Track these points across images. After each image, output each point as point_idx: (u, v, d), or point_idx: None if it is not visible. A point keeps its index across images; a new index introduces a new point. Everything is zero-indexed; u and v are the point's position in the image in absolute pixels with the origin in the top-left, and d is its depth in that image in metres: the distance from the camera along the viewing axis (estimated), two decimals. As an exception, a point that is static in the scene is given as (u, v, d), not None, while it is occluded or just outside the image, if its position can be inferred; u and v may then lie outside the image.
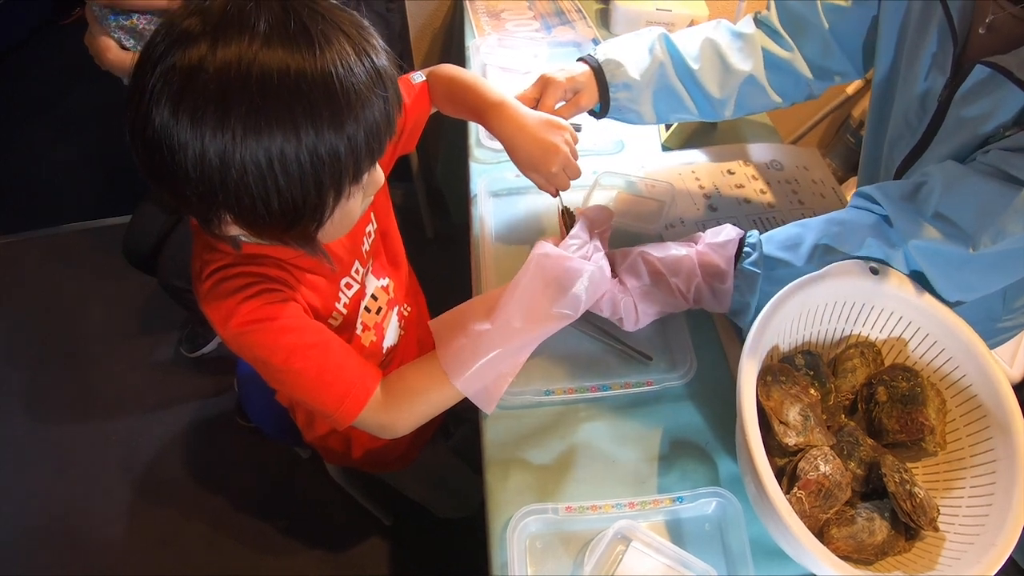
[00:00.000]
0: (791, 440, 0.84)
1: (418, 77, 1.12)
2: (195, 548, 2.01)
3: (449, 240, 2.62)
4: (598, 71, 1.14)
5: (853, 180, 1.90)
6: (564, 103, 1.14)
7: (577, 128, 1.08)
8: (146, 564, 2.00)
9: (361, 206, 0.82)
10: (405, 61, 2.05)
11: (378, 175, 0.82)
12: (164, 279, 1.83)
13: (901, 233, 0.90)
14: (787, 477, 0.84)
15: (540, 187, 1.08)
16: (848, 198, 1.30)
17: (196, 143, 0.65)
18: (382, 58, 0.73)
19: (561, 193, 1.07)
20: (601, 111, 1.17)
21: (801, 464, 0.83)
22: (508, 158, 1.06)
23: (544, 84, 1.13)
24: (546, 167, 1.03)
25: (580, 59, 1.16)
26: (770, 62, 1.15)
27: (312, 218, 0.74)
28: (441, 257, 2.26)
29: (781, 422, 0.85)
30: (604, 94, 1.15)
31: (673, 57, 1.15)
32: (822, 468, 0.82)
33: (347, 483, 1.60)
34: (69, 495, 2.14)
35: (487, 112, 1.05)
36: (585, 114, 1.18)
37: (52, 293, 2.66)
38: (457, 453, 1.60)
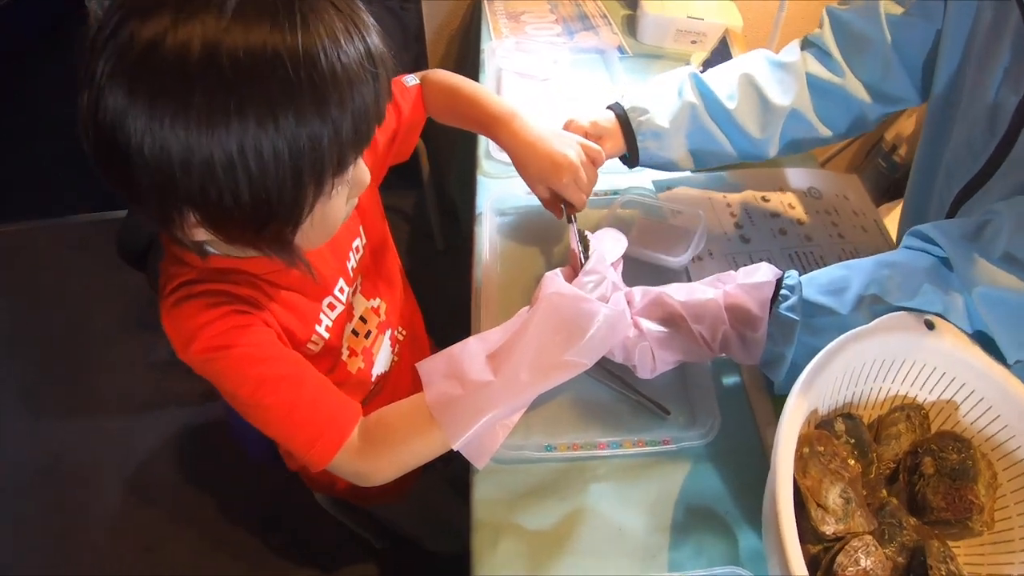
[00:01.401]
0: (829, 529, 0.73)
1: (411, 80, 1.04)
2: (180, 557, 1.99)
3: (460, 252, 2.51)
4: (623, 119, 1.07)
5: (884, 207, 1.81)
6: None
7: None
8: (129, 569, 1.96)
9: (345, 208, 0.74)
10: (420, 64, 1.98)
11: (363, 174, 0.74)
12: (154, 278, 1.75)
13: (963, 278, 0.80)
14: (822, 572, 0.72)
15: (547, 206, 1.02)
16: (892, 228, 1.20)
17: (154, 130, 0.57)
18: (373, 36, 0.65)
19: (576, 219, 0.99)
20: (631, 161, 1.10)
21: (840, 558, 0.71)
22: (518, 174, 1.02)
23: (566, 128, 1.07)
24: (556, 180, 0.97)
25: (608, 106, 1.09)
26: (818, 88, 1.05)
27: (289, 216, 0.65)
28: (451, 270, 2.20)
29: (819, 505, 0.74)
30: (632, 143, 1.07)
31: (705, 97, 1.07)
32: (863, 563, 0.71)
33: (337, 511, 1.52)
34: (59, 492, 2.13)
35: (494, 125, 1.00)
36: (617, 161, 1.12)
37: (56, 284, 2.65)
38: (452, 484, 1.50)
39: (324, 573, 1.94)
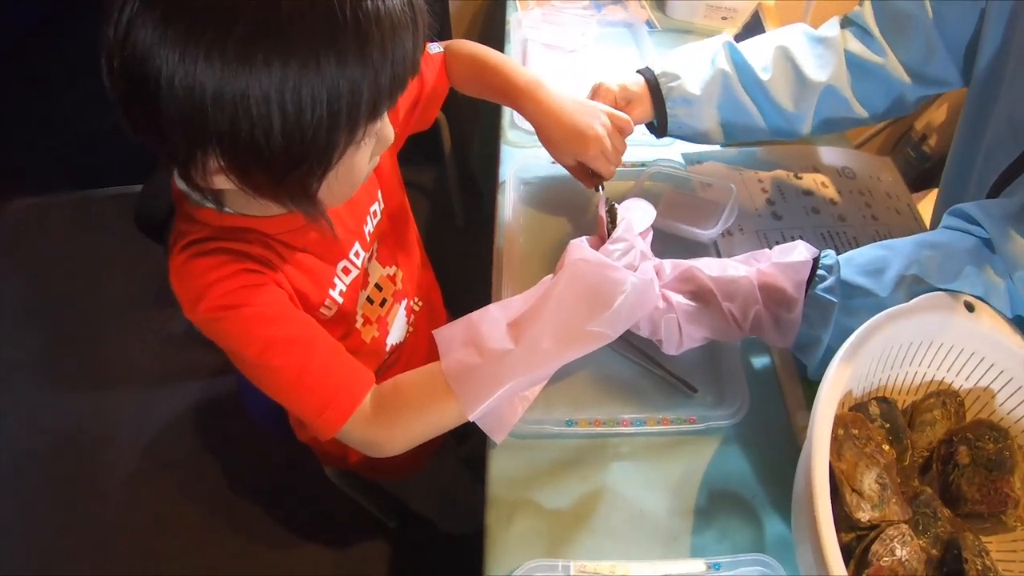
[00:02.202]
0: (864, 515, 0.69)
1: (435, 48, 1.02)
2: (190, 528, 1.98)
3: (481, 230, 2.49)
4: (653, 84, 1.03)
5: (913, 197, 1.76)
6: None
7: None
8: (141, 541, 1.97)
9: (368, 165, 0.72)
10: (444, 33, 1.96)
11: (389, 131, 0.72)
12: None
13: (1005, 260, 0.78)
14: (855, 561, 0.69)
15: (576, 176, 1.00)
16: (924, 216, 1.16)
17: (187, 62, 0.55)
18: None
19: (604, 188, 0.97)
20: (659, 129, 1.07)
21: (875, 547, 0.68)
22: (543, 145, 1.00)
23: (594, 92, 1.05)
24: (582, 152, 0.96)
25: (638, 71, 1.06)
26: (857, 67, 1.01)
27: (319, 161, 0.63)
28: (471, 248, 2.18)
29: (854, 490, 0.70)
30: (661, 110, 1.04)
31: (739, 68, 1.03)
32: (898, 552, 0.68)
33: (346, 486, 1.50)
34: (71, 463, 2.13)
35: (518, 95, 0.99)
36: (644, 128, 1.09)
37: (74, 257, 2.66)
38: (467, 463, 1.48)
39: (333, 549, 1.92)
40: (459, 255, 1.63)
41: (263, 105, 0.56)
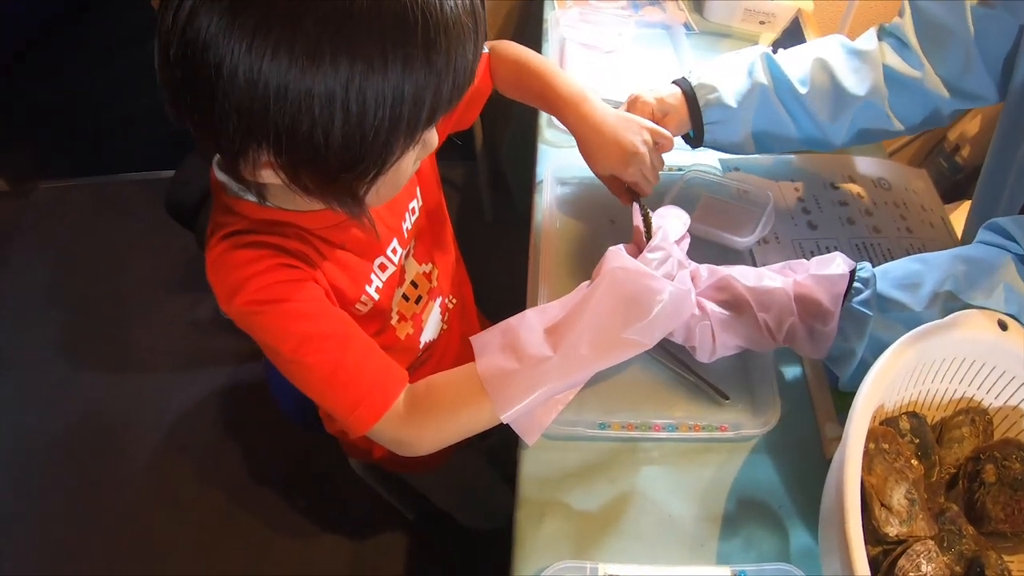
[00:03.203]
0: (893, 530, 0.70)
1: None
2: (208, 514, 2.00)
3: (509, 226, 2.50)
4: (690, 95, 1.03)
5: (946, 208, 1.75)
6: None
7: None
8: (158, 527, 1.98)
9: (412, 167, 0.72)
10: None
11: (434, 136, 0.71)
12: (203, 237, 1.75)
13: None
14: (882, 574, 0.69)
15: (611, 189, 1.00)
16: (956, 228, 1.16)
17: (254, 55, 0.54)
18: None
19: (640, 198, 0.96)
20: (695, 140, 1.07)
21: (901, 562, 0.68)
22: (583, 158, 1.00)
23: (631, 103, 1.04)
24: (622, 169, 0.95)
25: (674, 81, 1.06)
26: (894, 81, 1.00)
27: (374, 163, 0.62)
28: (499, 244, 2.19)
29: (883, 505, 0.70)
30: (697, 122, 1.04)
31: (777, 79, 1.02)
32: (924, 568, 0.68)
33: (369, 478, 1.52)
34: (94, 445, 2.15)
35: (562, 105, 0.98)
36: (680, 139, 1.08)
37: (101, 240, 2.68)
38: (491, 459, 1.49)
39: (351, 540, 1.93)
40: (487, 250, 1.63)
41: (327, 104, 0.56)
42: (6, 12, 3.33)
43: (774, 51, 1.15)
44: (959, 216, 1.29)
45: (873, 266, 0.84)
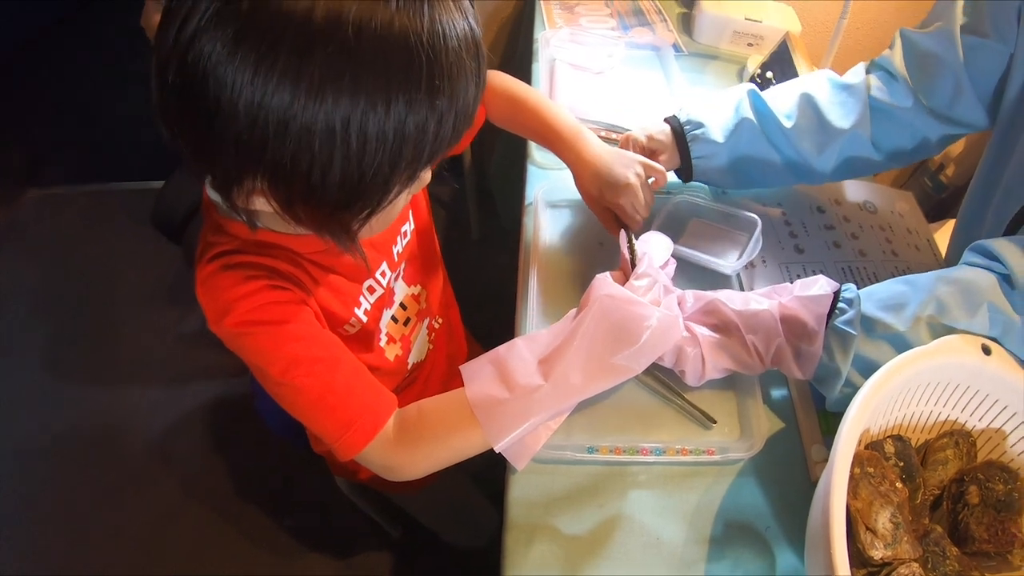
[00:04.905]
0: (878, 553, 0.70)
1: None
2: (193, 530, 1.98)
3: (495, 244, 2.51)
4: (679, 133, 1.05)
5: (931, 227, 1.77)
6: None
7: None
8: (144, 540, 1.97)
9: (405, 201, 0.71)
10: None
11: (429, 172, 0.70)
12: (190, 252, 1.74)
13: None
14: (869, 597, 0.70)
15: (601, 220, 1.01)
16: (941, 246, 1.17)
17: (256, 86, 0.52)
18: (477, 28, 0.61)
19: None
20: (685, 173, 1.09)
21: (887, 585, 0.69)
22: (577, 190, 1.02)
23: (624, 142, 1.07)
24: (614, 201, 0.96)
25: (665, 119, 1.08)
26: (881, 113, 1.02)
27: (368, 203, 0.62)
28: (485, 260, 2.19)
29: (868, 529, 0.71)
30: (686, 157, 1.06)
31: (762, 115, 1.04)
32: (909, 589, 0.69)
33: (355, 496, 1.51)
34: (80, 457, 2.13)
35: (558, 141, 1.01)
36: (672, 174, 1.10)
37: (90, 250, 2.65)
38: (476, 477, 1.48)
39: (336, 557, 1.92)
40: (473, 265, 1.62)
41: (327, 141, 0.55)
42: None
43: (761, 72, 1.16)
44: (943, 235, 1.30)
45: (860, 288, 0.85)
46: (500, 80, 1.03)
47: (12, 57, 3.39)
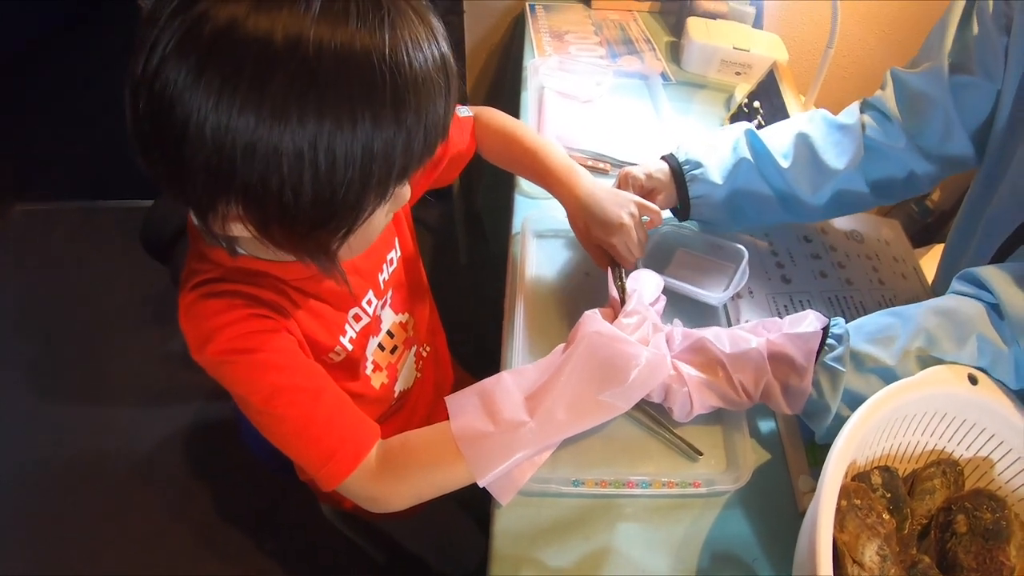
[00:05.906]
0: (865, 587, 0.70)
1: (464, 111, 1.02)
2: (174, 552, 1.97)
3: (484, 267, 2.51)
4: (677, 172, 1.05)
5: (916, 252, 1.77)
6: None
7: None
8: (125, 561, 1.94)
9: (384, 221, 0.71)
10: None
11: (406, 190, 0.70)
12: (177, 273, 1.73)
13: (1014, 326, 0.78)
14: (856, 632, 0.70)
15: (593, 257, 1.00)
16: (927, 271, 1.17)
17: (221, 111, 0.53)
18: (445, 46, 0.61)
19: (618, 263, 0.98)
20: (682, 213, 1.08)
21: (874, 619, 0.69)
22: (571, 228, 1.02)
23: (621, 179, 1.06)
24: (607, 240, 0.96)
25: (663, 157, 1.08)
26: (875, 153, 1.02)
27: (344, 220, 0.62)
28: (473, 284, 2.18)
29: (855, 562, 0.71)
30: (684, 196, 1.06)
31: (759, 155, 1.04)
32: (897, 622, 0.68)
33: (340, 523, 1.49)
34: (62, 477, 2.11)
35: (551, 178, 1.00)
36: (669, 212, 1.10)
37: (75, 268, 2.64)
38: (462, 504, 1.47)
39: (319, 582, 1.90)
40: (461, 289, 1.62)
41: (295, 161, 0.55)
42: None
43: (748, 102, 1.17)
44: (930, 260, 1.31)
45: (847, 320, 0.85)
46: (492, 116, 1.03)
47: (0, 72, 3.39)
